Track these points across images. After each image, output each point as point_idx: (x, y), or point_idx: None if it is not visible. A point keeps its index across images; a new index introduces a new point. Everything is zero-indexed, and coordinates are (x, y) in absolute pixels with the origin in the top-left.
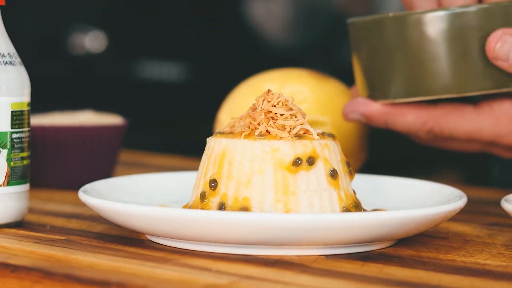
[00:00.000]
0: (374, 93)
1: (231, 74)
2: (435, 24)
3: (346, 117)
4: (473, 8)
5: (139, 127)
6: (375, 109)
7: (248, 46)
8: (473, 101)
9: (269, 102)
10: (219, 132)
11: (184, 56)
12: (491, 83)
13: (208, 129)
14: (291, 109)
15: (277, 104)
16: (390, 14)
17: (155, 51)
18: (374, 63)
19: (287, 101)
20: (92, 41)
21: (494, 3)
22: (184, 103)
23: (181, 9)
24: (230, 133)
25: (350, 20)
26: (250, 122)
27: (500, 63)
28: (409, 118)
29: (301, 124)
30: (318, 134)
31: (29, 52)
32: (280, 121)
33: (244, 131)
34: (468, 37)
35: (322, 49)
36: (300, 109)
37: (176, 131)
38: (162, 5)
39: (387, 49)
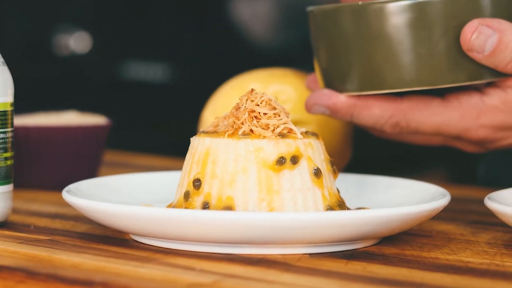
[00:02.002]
0: (338, 85)
1: (215, 74)
2: (399, 14)
3: (309, 110)
4: None
5: (123, 127)
6: (341, 101)
7: (233, 46)
8: (440, 94)
9: (252, 101)
10: (203, 132)
11: (168, 57)
12: (464, 75)
13: (192, 129)
14: (274, 108)
15: (261, 103)
16: (360, 3)
17: (140, 51)
18: (338, 54)
19: (270, 100)
20: (77, 41)
21: None
22: (168, 103)
23: (167, 10)
24: (214, 133)
25: (311, 8)
26: (234, 122)
27: (475, 55)
28: (376, 111)
29: (284, 123)
30: (301, 133)
31: (13, 53)
32: (264, 120)
33: (227, 131)
34: (435, 27)
35: (307, 49)
36: (283, 108)
37: (160, 131)
38: (147, 6)
39: (351, 40)
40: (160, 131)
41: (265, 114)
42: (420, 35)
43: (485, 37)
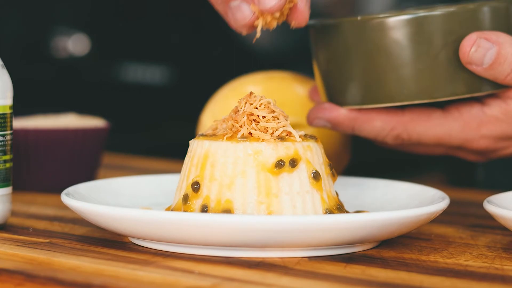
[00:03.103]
0: (339, 99)
1: (213, 77)
2: (399, 29)
3: (311, 123)
4: (438, 12)
5: (122, 130)
6: (342, 114)
7: (231, 49)
8: (441, 105)
9: (251, 104)
10: (202, 135)
11: (167, 59)
12: (463, 87)
13: (191, 132)
14: (273, 111)
15: (260, 106)
16: (359, 18)
17: (138, 54)
18: (339, 68)
19: (269, 103)
20: (75, 44)
21: (461, 6)
22: (166, 105)
23: (164, 12)
24: (213, 136)
25: (311, 23)
26: (233, 125)
27: (474, 68)
28: (377, 124)
29: (283, 126)
30: (300, 136)
31: (12, 55)
32: (263, 123)
33: (226, 134)
34: (435, 41)
35: (305, 51)
36: (282, 112)
37: (159, 134)
38: (145, 8)
39: (351, 54)
40: (158, 134)
41: (264, 117)
42: (419, 49)
43: (484, 50)
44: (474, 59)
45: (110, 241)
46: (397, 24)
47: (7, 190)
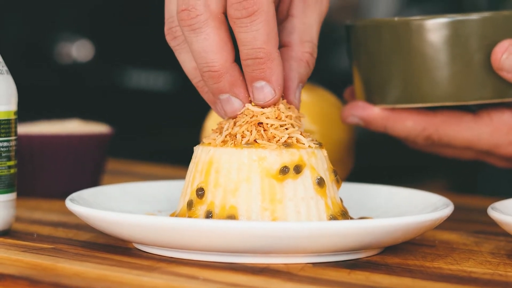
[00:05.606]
0: (373, 97)
1: None
2: (436, 31)
3: (344, 120)
4: (475, 17)
5: (126, 135)
6: (375, 113)
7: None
8: (473, 109)
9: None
10: (206, 141)
11: (170, 65)
12: (493, 92)
13: (195, 137)
14: (280, 119)
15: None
16: (396, 19)
17: (141, 59)
18: (374, 68)
19: (279, 112)
20: (79, 50)
21: (497, 12)
22: (170, 111)
23: None
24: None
25: (350, 23)
26: (238, 130)
27: (505, 74)
28: (409, 124)
29: (290, 133)
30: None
31: (16, 61)
32: (272, 131)
33: (231, 140)
34: (470, 45)
35: None
36: (295, 119)
37: (163, 140)
38: (149, 14)
39: (388, 54)
40: (162, 140)
41: (272, 125)
42: (454, 52)
43: None
44: (505, 65)
45: (114, 247)
46: (434, 27)
47: (12, 195)
